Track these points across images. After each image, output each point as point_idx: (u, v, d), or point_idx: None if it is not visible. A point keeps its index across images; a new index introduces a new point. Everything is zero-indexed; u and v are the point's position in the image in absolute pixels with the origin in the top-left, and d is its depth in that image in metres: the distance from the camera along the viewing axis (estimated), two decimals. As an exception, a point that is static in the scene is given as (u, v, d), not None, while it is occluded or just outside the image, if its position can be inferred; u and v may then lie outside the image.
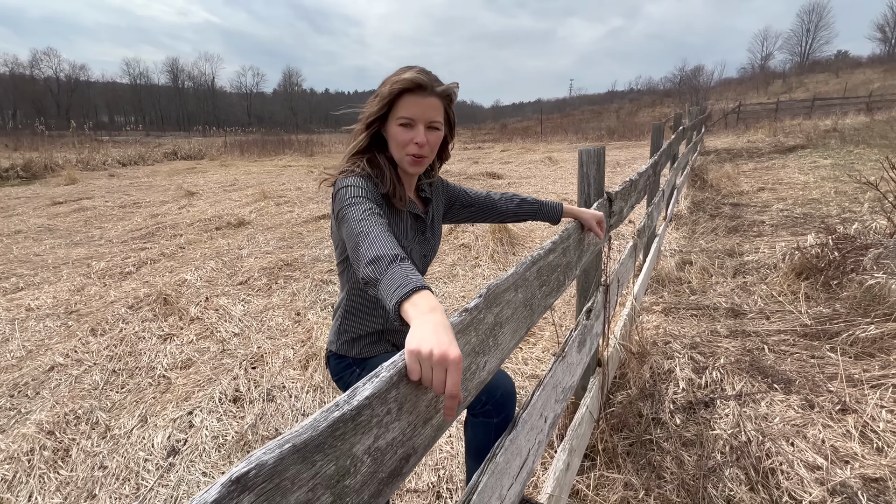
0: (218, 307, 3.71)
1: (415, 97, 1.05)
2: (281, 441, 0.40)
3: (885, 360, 2.34)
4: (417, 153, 1.08)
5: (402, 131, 1.07)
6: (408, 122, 1.06)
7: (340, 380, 1.30)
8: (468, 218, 1.48)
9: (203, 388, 2.63)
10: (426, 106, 1.06)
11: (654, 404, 2.24)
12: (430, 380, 0.58)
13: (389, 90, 1.05)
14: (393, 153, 1.12)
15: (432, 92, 1.06)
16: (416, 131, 1.07)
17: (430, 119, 1.08)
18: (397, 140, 1.09)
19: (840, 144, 10.94)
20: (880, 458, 1.77)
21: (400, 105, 1.06)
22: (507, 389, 1.21)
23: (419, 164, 1.11)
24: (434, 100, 1.07)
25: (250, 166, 15.45)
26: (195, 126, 54.29)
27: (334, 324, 1.31)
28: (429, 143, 1.09)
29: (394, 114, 1.08)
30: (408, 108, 1.06)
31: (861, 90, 29.05)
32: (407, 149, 1.08)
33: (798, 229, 4.84)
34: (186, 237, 6.00)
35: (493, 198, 1.47)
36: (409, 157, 1.09)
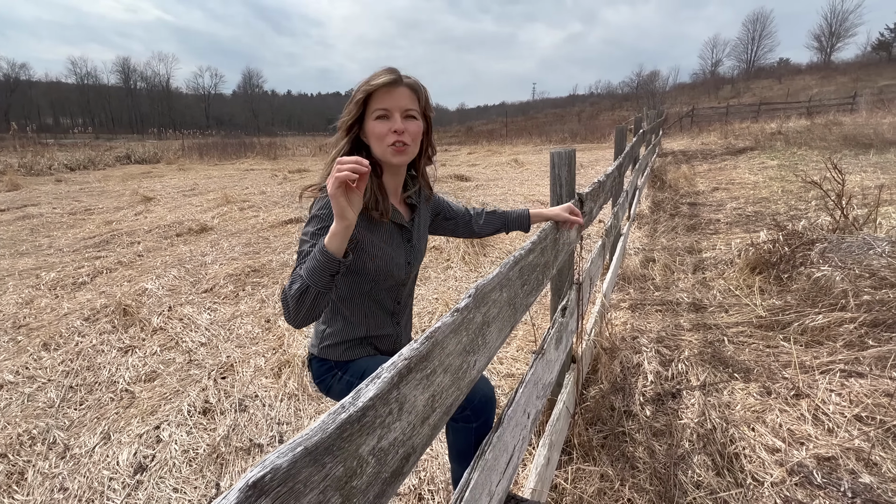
0: (182, 316, 3.58)
1: (386, 89, 1.08)
2: (293, 444, 0.41)
3: (833, 347, 2.52)
4: (398, 140, 1.10)
5: (378, 124, 1.10)
6: (383, 113, 1.09)
7: (322, 383, 1.29)
8: (447, 231, 1.51)
9: (170, 400, 2.53)
10: (398, 95, 1.09)
11: (625, 397, 2.33)
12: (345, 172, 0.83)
13: (363, 90, 1.08)
14: (375, 150, 1.13)
15: (401, 83, 1.10)
16: (393, 120, 1.09)
17: (405, 107, 1.10)
18: (375, 133, 1.10)
19: (785, 146, 11.64)
20: (831, 439, 1.90)
21: (373, 100, 1.09)
22: (485, 395, 1.22)
23: (402, 152, 1.12)
24: (404, 89, 1.10)
25: (210, 170, 14.94)
26: (149, 128, 51.90)
27: (317, 327, 1.30)
28: (408, 131, 1.11)
29: (369, 111, 1.10)
30: (381, 100, 1.09)
31: (801, 95, 31.01)
32: (386, 139, 1.10)
33: (751, 226, 5.12)
34: (145, 244, 5.75)
35: (470, 213, 1.51)
36: (391, 148, 1.10)
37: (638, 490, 1.76)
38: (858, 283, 2.83)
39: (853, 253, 3.08)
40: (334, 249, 0.88)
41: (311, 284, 0.89)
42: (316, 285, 0.89)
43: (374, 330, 1.25)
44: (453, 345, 0.71)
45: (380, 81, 1.07)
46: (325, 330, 1.26)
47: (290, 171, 13.64)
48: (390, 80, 1.08)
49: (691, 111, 26.73)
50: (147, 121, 74.12)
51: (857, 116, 15.42)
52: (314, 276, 0.89)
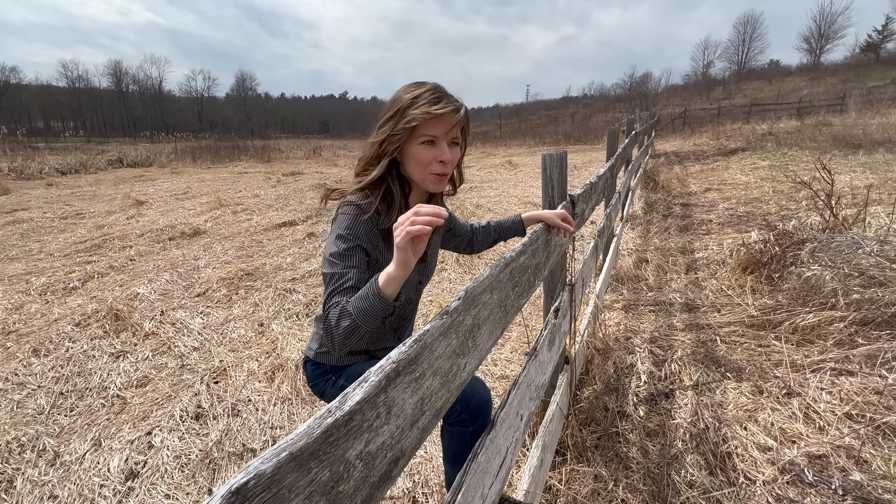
0: (175, 321, 3.55)
1: (439, 118, 1.02)
2: (277, 450, 0.40)
3: (823, 345, 2.54)
4: (442, 171, 1.06)
5: (424, 149, 1.04)
6: (431, 139, 1.03)
7: (315, 386, 1.29)
8: (451, 247, 1.51)
9: (162, 406, 2.51)
10: (448, 122, 1.03)
11: (618, 398, 2.33)
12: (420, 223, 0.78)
13: (419, 118, 1.00)
14: (412, 173, 1.08)
15: (458, 112, 1.04)
16: (440, 149, 1.04)
17: (453, 136, 1.06)
18: (419, 159, 1.05)
19: (776, 147, 11.75)
20: (822, 437, 1.92)
21: (423, 124, 1.02)
22: (481, 398, 1.20)
23: (443, 181, 1.09)
24: (452, 115, 1.04)
25: (203, 173, 14.86)
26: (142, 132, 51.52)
27: (316, 330, 1.30)
28: (451, 160, 1.07)
29: (415, 133, 1.03)
30: (431, 126, 1.02)
31: (792, 96, 31.35)
32: (430, 168, 1.05)
33: (742, 227, 5.16)
34: (137, 249, 5.70)
35: (473, 230, 1.52)
36: (433, 176, 1.07)
37: (632, 490, 1.77)
38: (848, 282, 2.86)
39: (843, 252, 3.11)
40: (390, 294, 0.83)
41: (361, 325, 0.86)
42: (367, 326, 0.86)
43: (375, 344, 1.26)
44: (442, 347, 0.71)
45: (439, 111, 1.00)
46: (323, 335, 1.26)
47: (284, 174, 13.59)
48: (450, 110, 1.01)
49: (683, 112, 26.94)
50: (139, 124, 73.59)
51: (847, 117, 15.61)
52: (367, 318, 0.85)
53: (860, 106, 18.17)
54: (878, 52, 50.39)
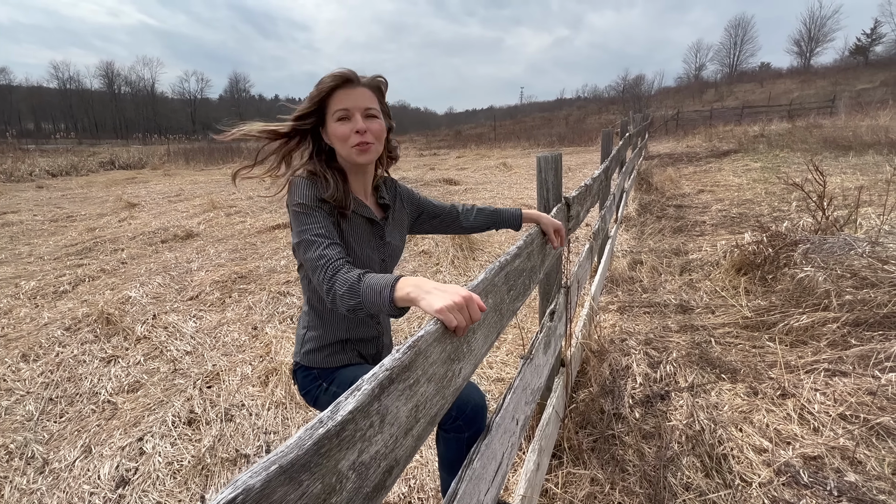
0: (167, 325, 3.51)
1: (344, 90, 1.09)
2: (267, 463, 0.39)
3: (817, 346, 2.55)
4: (361, 140, 1.10)
5: (340, 125, 1.10)
6: (344, 113, 1.09)
7: (308, 394, 1.27)
8: (434, 229, 1.49)
9: (154, 411, 2.48)
10: (357, 96, 1.10)
11: (614, 400, 2.33)
12: (464, 321, 0.75)
13: (318, 89, 1.09)
14: (340, 151, 1.14)
15: (359, 83, 1.11)
16: (354, 121, 1.09)
17: (365, 106, 1.11)
18: (338, 135, 1.10)
19: (767, 149, 11.85)
20: (817, 438, 1.92)
21: (332, 101, 1.10)
22: (476, 403, 1.20)
23: (367, 150, 1.12)
24: (363, 89, 1.11)
25: (197, 175, 14.77)
26: (134, 133, 51.14)
27: (298, 333, 1.28)
28: (371, 130, 1.11)
29: (329, 112, 1.11)
30: (340, 100, 1.09)
31: (783, 99, 31.67)
32: (349, 140, 1.10)
33: (736, 228, 5.19)
34: (129, 252, 5.65)
35: (458, 210, 1.49)
36: (355, 148, 1.11)
37: (628, 493, 1.76)
38: (840, 283, 2.88)
39: (835, 253, 3.13)
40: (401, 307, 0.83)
41: (365, 307, 0.88)
42: (371, 310, 0.88)
43: (355, 331, 1.24)
44: (437, 353, 0.70)
45: (336, 79, 1.08)
46: (305, 334, 1.25)
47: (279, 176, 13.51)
48: (348, 79, 1.09)
49: (676, 114, 27.12)
50: (132, 126, 73.00)
51: (837, 119, 15.77)
52: (372, 307, 0.87)
53: (850, 108, 18.38)
54: (866, 55, 51.03)
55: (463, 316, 0.75)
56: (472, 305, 0.77)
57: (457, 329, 0.75)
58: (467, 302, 0.77)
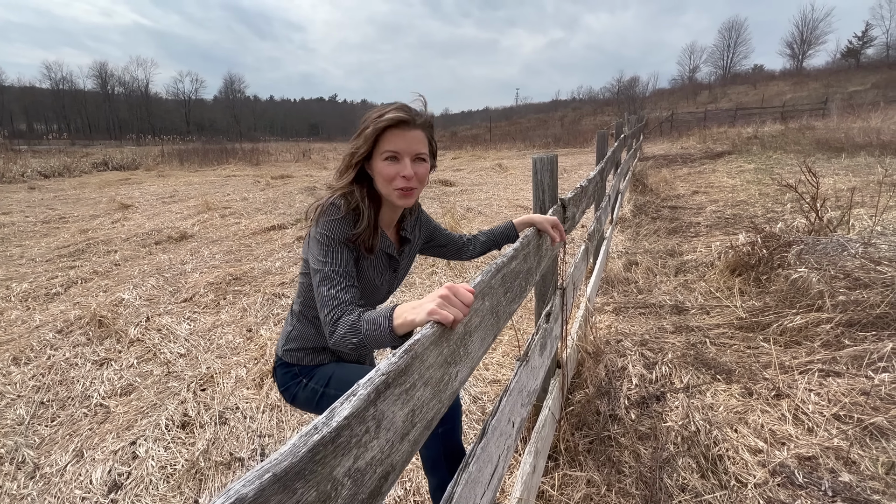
0: (161, 327, 3.49)
1: (398, 131, 1.05)
2: (260, 471, 0.38)
3: (811, 346, 2.57)
4: (405, 186, 1.07)
5: (387, 165, 1.06)
6: (393, 155, 1.06)
7: (286, 391, 1.27)
8: (439, 255, 1.52)
9: (147, 414, 2.45)
10: (410, 139, 1.06)
11: (610, 401, 2.33)
12: (458, 311, 0.75)
13: (374, 129, 1.04)
14: (380, 188, 1.10)
15: (414, 125, 1.07)
16: (403, 164, 1.06)
17: (416, 151, 1.08)
18: (383, 175, 1.07)
19: (761, 150, 11.94)
20: (812, 438, 1.93)
21: (384, 140, 1.05)
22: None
23: (409, 196, 1.10)
24: (418, 132, 1.07)
25: (191, 176, 14.69)
26: (128, 134, 50.84)
27: (284, 329, 1.29)
28: (417, 176, 1.09)
29: (378, 149, 1.06)
30: (392, 141, 1.05)
31: (775, 101, 31.91)
32: (394, 183, 1.07)
33: (730, 229, 5.22)
34: (122, 253, 5.60)
35: (462, 240, 1.52)
36: (397, 192, 1.08)
37: (624, 495, 1.76)
38: (834, 283, 2.90)
39: (828, 254, 3.15)
40: (401, 334, 0.84)
41: (368, 345, 0.89)
42: (372, 347, 0.89)
43: None
44: (434, 357, 0.70)
45: (391, 121, 1.03)
46: (291, 332, 1.26)
47: (273, 177, 13.48)
48: (401, 119, 1.04)
49: (671, 116, 27.27)
50: (125, 126, 72.48)
51: (829, 121, 15.91)
52: (374, 342, 0.88)
53: (842, 110, 18.54)
54: (858, 58, 51.55)
55: (455, 306, 0.76)
56: (459, 293, 0.77)
57: (454, 322, 0.74)
58: (453, 292, 0.77)
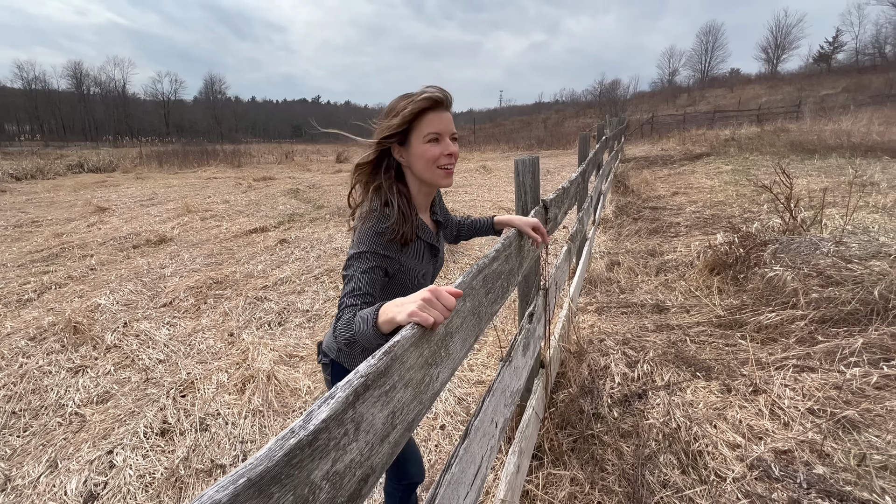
0: (139, 332, 3.41)
1: (436, 113, 1.09)
2: (235, 476, 0.38)
3: (786, 343, 2.64)
4: (449, 164, 1.12)
5: (431, 147, 1.09)
6: (435, 136, 1.09)
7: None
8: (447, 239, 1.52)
9: (124, 422, 2.39)
10: (447, 120, 1.11)
11: (593, 400, 2.36)
12: (439, 313, 0.75)
13: (412, 108, 1.06)
14: (422, 172, 1.12)
15: (448, 106, 1.12)
16: (445, 143, 1.10)
17: (452, 130, 1.13)
18: (428, 156, 1.10)
19: (738, 152, 12.22)
20: (787, 432, 1.98)
21: (423, 122, 1.08)
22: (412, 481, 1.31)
23: (451, 176, 1.15)
24: (449, 114, 1.13)
25: (170, 179, 14.41)
26: (104, 136, 49.54)
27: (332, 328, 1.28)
28: (456, 154, 1.14)
29: (418, 133, 1.09)
30: (433, 123, 1.09)
31: (752, 103, 32.69)
32: (439, 162, 1.11)
33: (709, 229, 5.32)
34: (98, 258, 5.46)
35: (459, 222, 1.54)
36: (442, 171, 1.12)
37: (607, 492, 1.78)
38: (807, 281, 2.98)
39: (802, 253, 3.25)
40: (385, 331, 0.84)
41: (359, 340, 0.89)
42: (366, 344, 0.90)
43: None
44: (414, 358, 0.70)
45: (429, 101, 1.06)
46: None
47: (255, 179, 13.31)
48: (439, 100, 1.07)
49: (651, 118, 27.74)
50: (102, 128, 70.63)
51: (803, 124, 16.38)
52: (365, 339, 0.88)
53: (814, 113, 19.10)
54: (829, 63, 53.15)
55: (436, 309, 0.76)
56: (441, 297, 0.77)
57: (434, 324, 0.74)
58: (435, 295, 0.77)
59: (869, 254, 2.99)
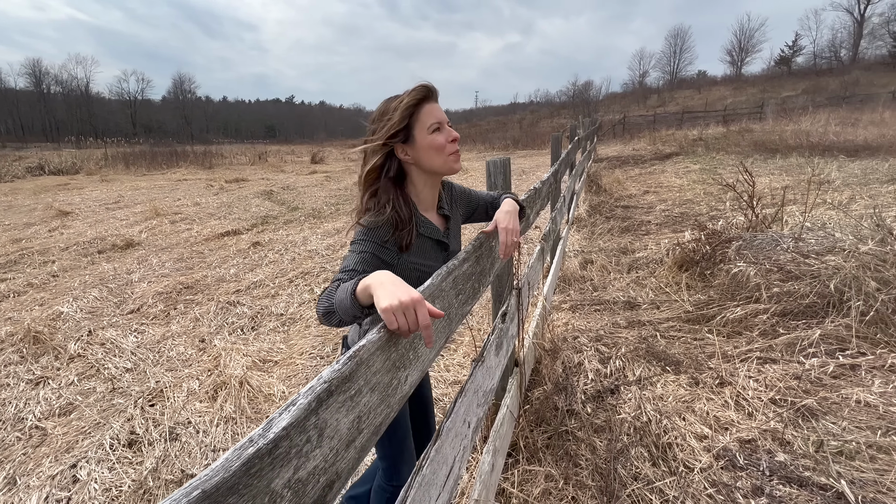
0: (104, 341, 3.29)
1: (431, 103, 1.14)
2: (188, 489, 0.38)
3: (750, 336, 2.74)
4: (456, 149, 1.17)
5: (437, 136, 1.13)
6: (438, 126, 1.13)
7: None
8: (478, 219, 1.50)
9: (89, 435, 2.31)
10: (440, 110, 1.16)
11: (567, 397, 2.40)
12: (406, 324, 0.73)
13: (408, 101, 1.10)
14: (432, 162, 1.15)
15: (437, 99, 1.17)
16: (447, 130, 1.15)
17: (447, 119, 1.18)
18: (436, 145, 1.13)
19: (705, 151, 12.61)
20: (751, 422, 2.06)
21: (422, 114, 1.12)
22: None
23: (459, 159, 1.19)
24: (439, 105, 1.18)
25: (138, 181, 13.95)
26: (67, 136, 47.52)
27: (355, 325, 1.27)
28: (457, 138, 1.18)
29: (420, 125, 1.12)
30: (431, 113, 1.13)
31: (718, 104, 33.76)
32: (447, 148, 1.14)
33: (678, 227, 5.48)
34: (60, 264, 5.25)
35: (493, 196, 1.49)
36: (452, 156, 1.16)
37: (581, 487, 1.82)
38: (769, 276, 3.10)
39: (764, 249, 3.37)
40: (363, 300, 0.83)
41: (337, 311, 0.89)
42: (342, 315, 0.89)
43: None
44: (380, 362, 0.70)
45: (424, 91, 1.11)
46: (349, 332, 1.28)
47: (228, 181, 13.02)
48: (431, 91, 1.13)
49: (623, 119, 28.35)
50: (64, 128, 67.72)
51: (765, 124, 17.01)
52: (342, 308, 0.87)
53: (776, 114, 19.86)
54: (789, 66, 55.33)
55: (407, 319, 0.73)
56: (419, 309, 0.74)
57: (399, 332, 0.73)
58: (414, 304, 0.73)
59: (825, 249, 3.13)
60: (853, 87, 30.23)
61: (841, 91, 29.24)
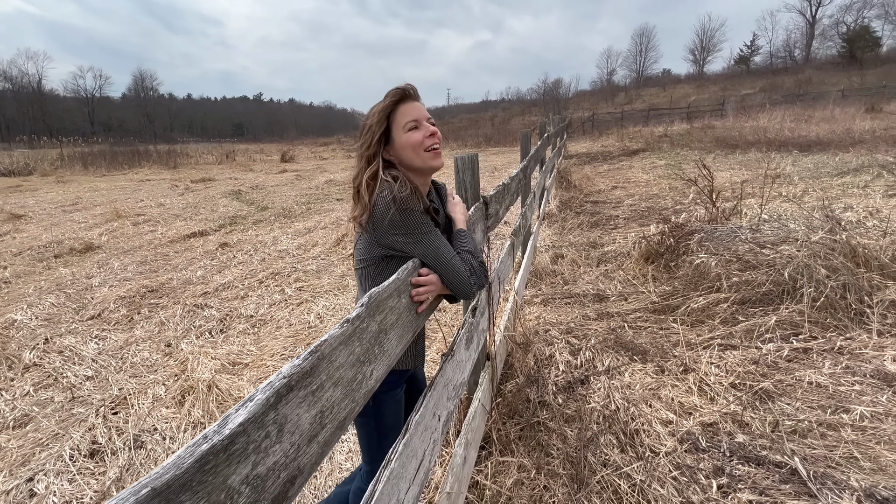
0: (63, 348, 3.15)
1: (407, 104, 1.18)
2: (137, 487, 0.37)
3: (712, 324, 2.85)
4: (434, 143, 1.19)
5: (413, 134, 1.17)
6: (414, 124, 1.17)
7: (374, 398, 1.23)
8: None
9: (47, 447, 2.21)
10: (419, 108, 1.19)
11: (539, 388, 2.44)
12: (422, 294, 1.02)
13: (383, 105, 1.16)
14: (411, 160, 1.18)
15: (416, 97, 1.21)
16: (425, 127, 1.18)
17: (428, 116, 1.20)
18: (412, 143, 1.16)
19: (671, 147, 13.00)
20: (713, 406, 2.14)
21: (398, 114, 1.17)
22: None
23: (439, 155, 1.21)
24: (420, 103, 1.21)
25: (97, 182, 13.37)
26: (18, 136, 45.01)
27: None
28: (437, 135, 1.21)
29: (397, 126, 1.17)
30: (407, 113, 1.17)
31: (682, 102, 34.80)
32: (424, 144, 1.17)
33: (644, 221, 5.64)
34: (13, 269, 4.99)
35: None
36: (430, 153, 1.18)
37: (552, 476, 1.86)
38: (729, 266, 3.23)
39: (724, 241, 3.51)
40: None
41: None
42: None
43: None
44: (344, 356, 0.70)
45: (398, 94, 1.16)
46: None
47: (193, 181, 12.62)
48: (406, 92, 1.17)
49: (592, 116, 28.89)
50: (14, 127, 64.08)
51: (726, 121, 17.65)
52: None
53: (736, 111, 20.65)
54: (748, 65, 57.55)
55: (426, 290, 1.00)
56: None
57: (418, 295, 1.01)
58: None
59: (780, 239, 3.28)
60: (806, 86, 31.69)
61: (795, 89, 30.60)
